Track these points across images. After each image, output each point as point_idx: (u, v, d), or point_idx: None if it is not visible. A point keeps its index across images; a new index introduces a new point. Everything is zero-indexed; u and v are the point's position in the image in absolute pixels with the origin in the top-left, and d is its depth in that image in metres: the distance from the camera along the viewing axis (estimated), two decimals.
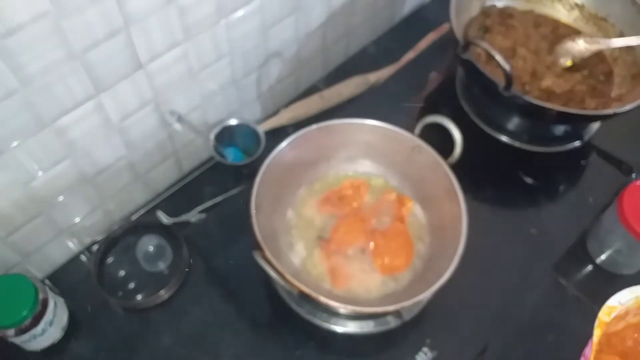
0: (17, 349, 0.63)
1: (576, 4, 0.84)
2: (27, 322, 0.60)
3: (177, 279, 0.71)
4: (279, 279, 0.55)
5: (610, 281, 0.73)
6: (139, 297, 0.71)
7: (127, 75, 0.61)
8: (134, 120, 0.67)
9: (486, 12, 0.84)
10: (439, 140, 0.64)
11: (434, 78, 0.90)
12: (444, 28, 0.92)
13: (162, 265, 0.73)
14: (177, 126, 0.73)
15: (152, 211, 0.76)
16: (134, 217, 0.78)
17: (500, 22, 0.82)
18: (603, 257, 0.73)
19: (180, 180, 0.82)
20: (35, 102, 0.54)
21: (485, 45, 0.66)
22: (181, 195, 0.80)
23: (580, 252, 0.75)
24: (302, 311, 0.64)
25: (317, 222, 0.67)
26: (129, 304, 0.70)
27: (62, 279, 0.72)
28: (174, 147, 0.77)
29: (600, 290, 0.72)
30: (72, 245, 0.74)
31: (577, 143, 0.80)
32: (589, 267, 0.74)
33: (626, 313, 0.58)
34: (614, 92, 0.78)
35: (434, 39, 0.93)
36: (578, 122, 0.80)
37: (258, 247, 0.56)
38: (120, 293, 0.71)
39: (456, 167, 0.63)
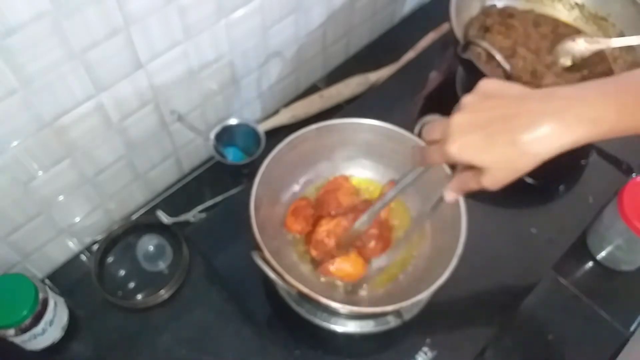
0: (17, 348, 0.63)
1: (576, 4, 0.84)
2: (27, 321, 0.60)
3: (177, 278, 0.71)
4: (277, 280, 0.55)
5: (610, 278, 0.73)
6: (139, 296, 0.71)
7: (127, 74, 0.61)
8: (134, 120, 0.67)
9: (486, 11, 0.84)
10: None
11: (434, 78, 0.89)
12: (444, 28, 0.92)
13: (162, 265, 0.73)
14: (177, 126, 0.73)
15: (152, 211, 0.76)
16: (134, 217, 0.78)
17: (500, 22, 0.82)
18: (603, 253, 0.73)
19: (180, 180, 0.82)
20: (35, 101, 0.54)
21: (485, 44, 0.66)
22: (181, 194, 0.80)
23: (580, 249, 0.75)
24: (302, 311, 0.64)
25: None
26: (129, 304, 0.70)
27: (62, 278, 0.72)
28: (174, 146, 0.77)
29: (600, 287, 0.73)
30: (72, 245, 0.74)
31: None
32: (589, 264, 0.74)
33: None
34: None
35: (434, 39, 0.93)
36: None
37: (257, 247, 0.56)
38: (120, 293, 0.71)
39: (456, 167, 0.63)
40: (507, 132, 0.43)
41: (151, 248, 0.72)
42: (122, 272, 0.73)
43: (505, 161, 0.44)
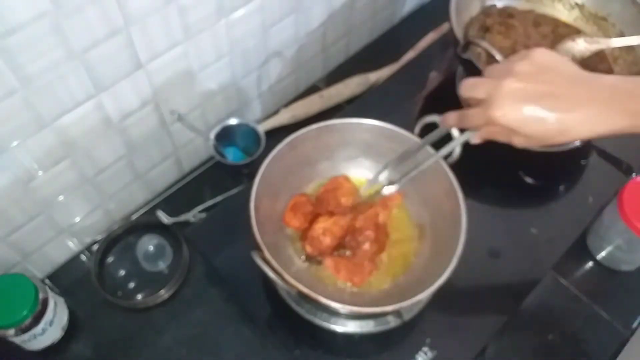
0: (17, 348, 0.63)
1: (576, 4, 0.84)
2: (27, 321, 0.60)
3: (177, 278, 0.71)
4: (277, 280, 0.55)
5: (610, 278, 0.73)
6: (139, 296, 0.71)
7: (127, 74, 0.61)
8: (134, 120, 0.67)
9: (486, 11, 0.84)
10: (439, 140, 0.64)
11: (434, 78, 0.89)
12: (444, 28, 0.92)
13: (162, 265, 0.73)
14: (177, 126, 0.73)
15: (152, 211, 0.76)
16: (134, 217, 0.78)
17: (500, 22, 0.82)
18: (603, 253, 0.73)
19: (180, 180, 0.82)
20: (35, 101, 0.54)
21: (485, 44, 0.66)
22: (181, 195, 0.80)
23: (580, 249, 0.75)
24: (302, 311, 0.64)
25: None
26: (129, 304, 0.70)
27: (62, 278, 0.72)
28: (174, 146, 0.77)
29: (600, 287, 0.73)
30: (72, 245, 0.74)
31: (577, 143, 0.80)
32: (589, 264, 0.74)
33: None
34: None
35: (434, 39, 0.93)
36: None
37: (257, 247, 0.56)
38: (120, 293, 0.71)
39: (456, 167, 0.63)
40: (555, 110, 0.46)
41: (151, 248, 0.72)
42: (122, 272, 0.73)
43: (544, 133, 0.47)
